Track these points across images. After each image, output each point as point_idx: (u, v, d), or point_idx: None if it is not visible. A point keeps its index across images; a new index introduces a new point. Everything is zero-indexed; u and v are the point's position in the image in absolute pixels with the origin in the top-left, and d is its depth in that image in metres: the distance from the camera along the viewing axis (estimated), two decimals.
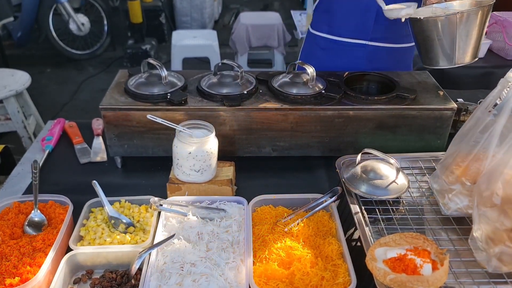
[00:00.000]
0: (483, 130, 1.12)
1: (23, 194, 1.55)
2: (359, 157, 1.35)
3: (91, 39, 5.87)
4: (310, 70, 1.62)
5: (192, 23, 6.58)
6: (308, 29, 2.13)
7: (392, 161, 1.30)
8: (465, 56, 1.50)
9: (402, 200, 1.31)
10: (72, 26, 5.65)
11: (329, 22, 1.97)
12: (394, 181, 1.28)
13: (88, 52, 5.89)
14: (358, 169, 1.33)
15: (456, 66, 1.53)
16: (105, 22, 5.89)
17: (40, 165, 1.59)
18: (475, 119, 1.16)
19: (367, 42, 1.92)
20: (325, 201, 1.34)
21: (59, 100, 4.90)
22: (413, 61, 2.67)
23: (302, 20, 4.87)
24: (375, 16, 1.84)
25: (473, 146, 1.15)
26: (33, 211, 1.35)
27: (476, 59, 1.52)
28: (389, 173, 1.31)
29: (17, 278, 1.13)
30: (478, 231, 1.06)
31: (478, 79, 2.63)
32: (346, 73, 1.77)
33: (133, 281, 1.18)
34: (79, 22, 5.65)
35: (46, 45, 5.87)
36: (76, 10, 5.68)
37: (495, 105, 1.13)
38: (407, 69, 2.08)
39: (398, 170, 1.29)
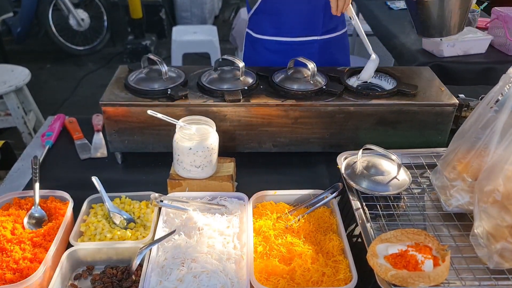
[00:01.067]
0: (485, 126, 1.12)
1: (23, 189, 1.55)
2: (360, 153, 1.34)
3: (91, 34, 5.85)
4: (311, 65, 1.61)
5: (192, 19, 6.56)
6: (247, 32, 2.08)
7: (394, 157, 1.30)
8: (454, 29, 1.59)
9: (403, 196, 1.30)
10: (72, 22, 5.63)
11: (276, 25, 1.94)
12: (395, 177, 1.28)
13: (88, 47, 5.87)
14: (359, 165, 1.32)
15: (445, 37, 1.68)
16: (105, 17, 5.87)
17: (40, 160, 1.59)
18: (477, 115, 1.15)
19: (318, 37, 1.94)
20: (326, 197, 1.34)
21: (59, 95, 4.89)
22: (413, 56, 2.67)
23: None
24: (323, 11, 1.86)
25: (475, 142, 1.14)
26: (33, 207, 1.35)
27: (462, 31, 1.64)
28: (390, 169, 1.31)
29: (17, 274, 1.12)
30: (479, 228, 1.06)
31: (479, 75, 2.61)
32: (347, 68, 1.76)
33: (133, 277, 1.18)
34: (79, 18, 5.63)
35: (45, 41, 5.85)
36: (76, 6, 5.66)
37: (497, 101, 1.12)
38: (348, 53, 2.17)
39: (399, 166, 1.29)
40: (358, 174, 1.30)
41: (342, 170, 1.34)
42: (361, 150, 1.34)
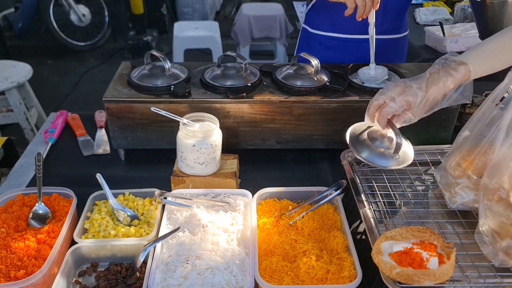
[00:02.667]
0: (490, 124, 1.11)
1: (27, 186, 1.55)
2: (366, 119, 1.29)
3: (92, 30, 5.84)
4: (315, 62, 1.61)
5: (193, 14, 6.54)
6: (303, 28, 2.07)
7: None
8: None
9: (408, 193, 1.30)
10: (73, 17, 5.62)
11: (332, 21, 1.92)
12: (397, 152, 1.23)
13: (89, 43, 5.86)
14: (365, 134, 1.28)
15: None
16: (106, 13, 5.86)
17: (44, 157, 1.58)
18: (482, 112, 1.15)
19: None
20: (330, 194, 1.33)
21: (60, 91, 4.89)
22: (416, 52, 2.66)
23: (304, 11, 4.84)
24: (382, 9, 1.82)
25: (480, 139, 1.14)
26: (37, 204, 1.35)
27: None
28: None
29: (22, 271, 1.12)
30: (484, 226, 1.06)
31: None
32: (351, 65, 1.76)
33: (138, 274, 1.18)
34: (80, 13, 5.61)
35: (47, 36, 5.84)
36: (77, 1, 5.65)
37: (502, 98, 1.12)
38: (404, 57, 2.12)
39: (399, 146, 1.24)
40: (362, 142, 1.26)
41: (347, 137, 1.29)
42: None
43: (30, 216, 1.32)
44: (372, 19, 1.57)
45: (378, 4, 1.54)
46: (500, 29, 1.25)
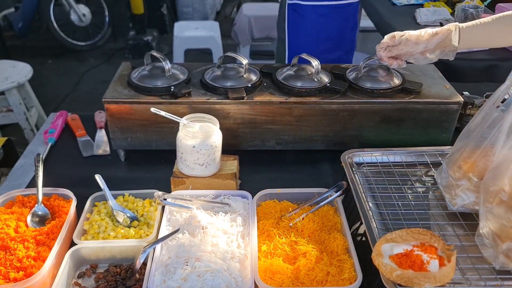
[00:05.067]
0: (491, 126, 1.11)
1: (26, 187, 1.54)
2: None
3: (92, 30, 5.83)
4: (315, 63, 1.60)
5: (193, 14, 6.53)
6: (290, 4, 2.31)
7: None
8: None
9: (408, 195, 1.30)
10: (73, 17, 5.60)
11: None
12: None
13: (90, 43, 5.84)
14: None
15: None
16: (106, 12, 5.84)
17: (43, 158, 1.58)
18: (483, 114, 1.14)
19: (353, 1, 2.28)
20: (330, 195, 1.33)
21: (60, 91, 4.88)
22: None
23: None
24: None
25: (481, 141, 1.14)
26: (36, 205, 1.34)
27: None
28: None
29: (21, 273, 1.12)
30: (484, 228, 1.06)
31: (483, 72, 2.60)
32: (351, 65, 1.75)
33: (137, 276, 1.18)
34: (80, 13, 5.60)
35: (47, 36, 5.82)
36: (77, 1, 5.63)
37: (503, 100, 1.11)
38: (356, 27, 2.51)
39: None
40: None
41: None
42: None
43: (30, 217, 1.32)
44: None
45: None
46: None
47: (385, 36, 1.51)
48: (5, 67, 3.58)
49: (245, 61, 1.62)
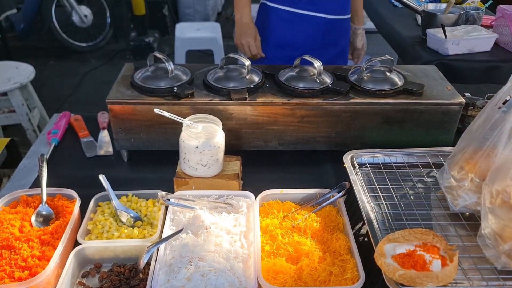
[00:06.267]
0: (493, 127, 1.12)
1: (30, 187, 1.55)
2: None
3: (93, 31, 5.84)
4: (317, 64, 1.61)
5: (195, 15, 6.54)
6: (263, 3, 2.25)
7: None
8: None
9: (410, 196, 1.30)
10: (75, 18, 5.62)
11: None
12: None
13: (91, 44, 5.86)
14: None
15: None
16: (108, 14, 5.85)
17: (47, 158, 1.59)
18: (485, 115, 1.15)
19: (326, 16, 2.13)
20: (333, 196, 1.34)
21: (62, 92, 4.89)
22: (418, 54, 2.66)
23: None
24: None
25: (482, 142, 1.14)
26: (40, 205, 1.35)
27: None
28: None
29: (26, 272, 1.13)
30: (486, 229, 1.06)
31: (484, 73, 2.61)
32: (353, 67, 1.76)
33: (141, 275, 1.18)
34: (82, 14, 5.62)
35: (48, 37, 5.84)
36: (79, 2, 5.65)
37: (505, 101, 1.12)
38: (348, 40, 2.38)
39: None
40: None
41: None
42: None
43: (34, 217, 1.32)
44: None
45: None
46: None
47: None
48: (7, 68, 3.58)
49: (247, 62, 1.63)
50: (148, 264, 1.18)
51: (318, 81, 1.62)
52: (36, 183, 1.55)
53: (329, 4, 2.13)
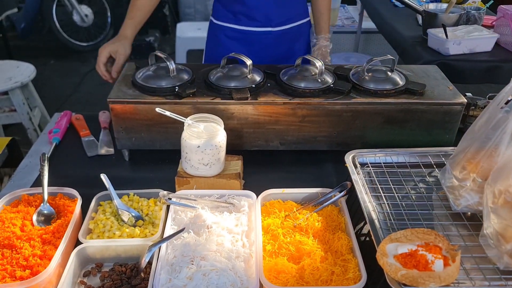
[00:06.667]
0: (495, 127, 1.11)
1: (31, 186, 1.55)
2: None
3: (94, 30, 5.85)
4: (319, 64, 1.61)
5: (195, 15, 6.54)
6: (210, 19, 2.16)
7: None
8: None
9: (412, 195, 1.30)
10: (76, 18, 5.63)
11: (234, 13, 2.01)
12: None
13: (92, 43, 5.86)
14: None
15: None
16: (109, 13, 5.86)
17: (48, 157, 1.59)
18: (487, 115, 1.15)
19: (272, 29, 2.02)
20: (334, 195, 1.34)
21: (63, 91, 4.89)
22: (419, 54, 2.66)
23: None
24: (273, 2, 1.95)
25: (485, 142, 1.14)
26: (42, 204, 1.35)
27: None
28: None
29: (27, 271, 1.13)
30: (489, 229, 1.06)
31: (485, 73, 2.61)
32: (355, 66, 1.76)
33: (142, 275, 1.18)
34: (83, 14, 5.62)
35: (49, 37, 5.85)
36: (80, 1, 5.65)
37: (507, 101, 1.12)
38: (307, 42, 2.23)
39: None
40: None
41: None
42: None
43: (35, 216, 1.32)
44: None
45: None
46: None
47: None
48: (8, 67, 3.59)
49: (249, 62, 1.63)
50: (149, 263, 1.18)
51: (319, 80, 1.61)
52: (38, 182, 1.55)
53: (274, 18, 2.00)
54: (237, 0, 1.97)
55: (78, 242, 1.26)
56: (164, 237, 1.22)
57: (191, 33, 4.89)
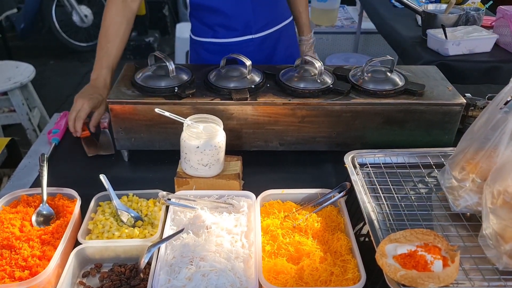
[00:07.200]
0: (494, 127, 1.12)
1: (31, 187, 1.55)
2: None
3: (94, 31, 5.84)
4: (318, 64, 1.61)
5: None
6: (190, 35, 2.06)
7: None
8: None
9: (411, 196, 1.30)
10: (75, 18, 5.63)
11: (210, 26, 1.93)
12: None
13: (91, 44, 5.85)
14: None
15: None
16: None
17: (47, 158, 1.59)
18: (486, 115, 1.15)
19: (252, 36, 1.94)
20: (334, 196, 1.34)
21: (62, 92, 4.89)
22: (418, 54, 2.67)
23: None
24: (251, 8, 1.88)
25: (484, 143, 1.14)
26: (41, 204, 1.35)
27: None
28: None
29: (26, 272, 1.13)
30: (488, 229, 1.06)
31: (484, 74, 2.61)
32: (354, 66, 1.76)
33: (142, 275, 1.18)
34: (82, 14, 5.63)
35: (49, 37, 5.84)
36: (79, 2, 5.66)
37: (507, 102, 1.12)
38: (295, 44, 2.16)
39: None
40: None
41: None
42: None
43: (34, 216, 1.32)
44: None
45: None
46: None
47: None
48: (7, 67, 3.59)
49: (248, 62, 1.63)
50: (148, 264, 1.18)
51: (319, 81, 1.61)
52: (37, 183, 1.55)
53: (253, 24, 1.92)
54: (212, 10, 1.88)
55: (77, 243, 1.25)
56: (163, 237, 1.22)
57: None
